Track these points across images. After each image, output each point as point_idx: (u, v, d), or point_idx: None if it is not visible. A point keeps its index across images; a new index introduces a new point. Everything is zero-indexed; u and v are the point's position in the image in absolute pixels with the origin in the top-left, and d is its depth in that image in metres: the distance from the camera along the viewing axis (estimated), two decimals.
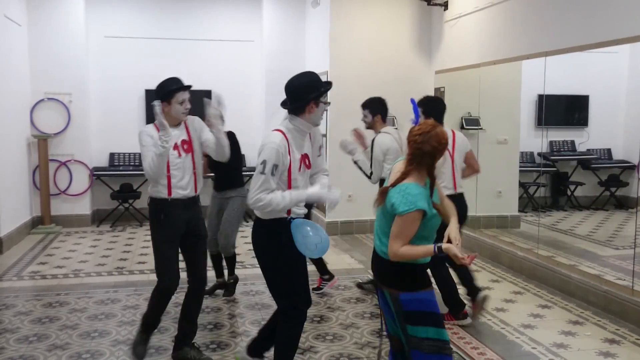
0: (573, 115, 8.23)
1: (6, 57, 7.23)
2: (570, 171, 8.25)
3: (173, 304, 5.00)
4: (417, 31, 8.02)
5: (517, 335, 4.40)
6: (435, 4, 7.71)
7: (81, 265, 6.45)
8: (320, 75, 3.30)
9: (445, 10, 7.60)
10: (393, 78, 7.84)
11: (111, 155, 8.80)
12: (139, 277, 5.92)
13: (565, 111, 8.23)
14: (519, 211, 7.52)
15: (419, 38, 8.03)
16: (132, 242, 7.54)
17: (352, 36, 7.80)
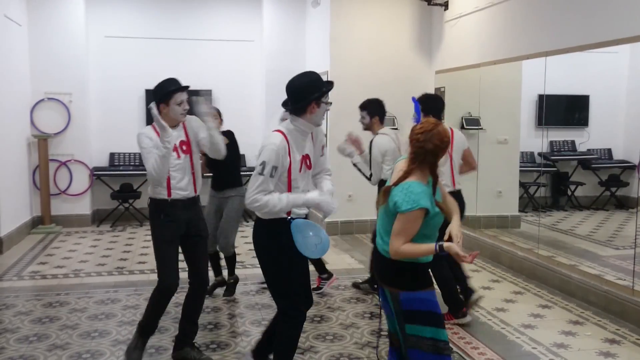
0: (573, 115, 8.23)
1: (6, 57, 7.23)
2: (570, 171, 8.25)
3: (173, 303, 4.99)
4: (418, 31, 8.02)
5: (518, 335, 4.40)
6: (436, 4, 7.71)
7: (81, 265, 6.45)
8: (321, 75, 3.29)
9: (445, 10, 7.60)
10: (393, 78, 7.84)
11: (111, 155, 8.81)
12: (139, 277, 5.92)
13: (565, 111, 8.23)
14: (519, 211, 7.52)
15: (419, 38, 8.03)
16: (132, 242, 7.54)
17: (353, 36, 7.80)
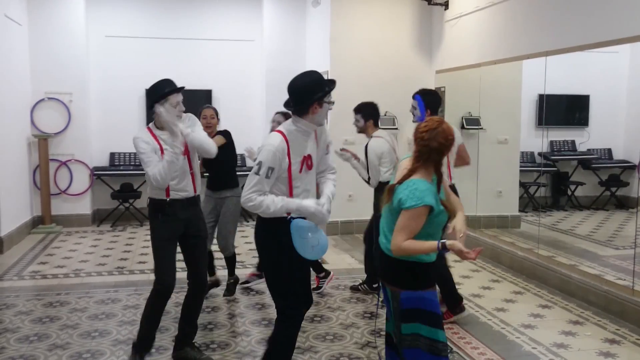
0: (573, 115, 8.23)
1: (6, 57, 7.23)
2: (570, 171, 8.25)
3: (173, 303, 5.00)
4: (418, 31, 8.02)
5: (517, 335, 4.40)
6: (436, 4, 7.70)
7: (82, 264, 6.45)
8: (322, 74, 3.27)
9: (445, 9, 7.60)
10: (393, 78, 7.84)
11: (111, 155, 8.81)
12: (139, 277, 5.92)
13: (565, 111, 8.24)
14: (520, 211, 7.52)
15: (420, 38, 8.03)
16: (132, 242, 7.54)
17: (353, 36, 7.80)
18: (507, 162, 7.35)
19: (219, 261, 5.52)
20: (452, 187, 4.66)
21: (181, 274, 3.87)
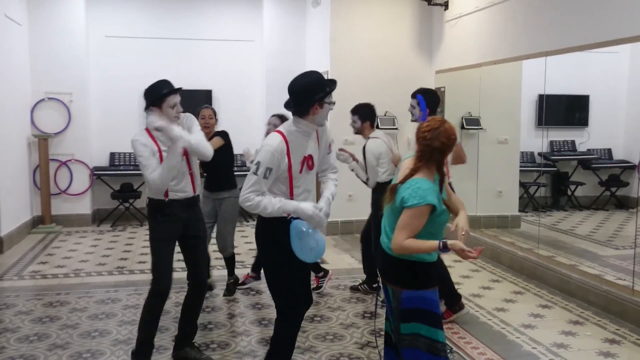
0: (573, 115, 8.23)
1: (7, 57, 7.24)
2: (570, 171, 8.25)
3: (173, 303, 5.01)
4: (418, 31, 8.02)
5: (518, 335, 4.40)
6: (436, 4, 7.71)
7: (82, 264, 6.45)
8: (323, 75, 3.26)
9: (445, 10, 7.60)
10: (393, 78, 7.84)
11: (111, 154, 8.81)
12: (139, 277, 5.92)
13: (565, 111, 8.24)
14: (520, 211, 7.52)
15: (420, 38, 8.03)
16: (132, 242, 7.54)
17: (353, 36, 7.80)
18: (507, 162, 7.35)
19: (219, 261, 5.52)
20: (449, 186, 4.68)
21: (181, 274, 3.87)
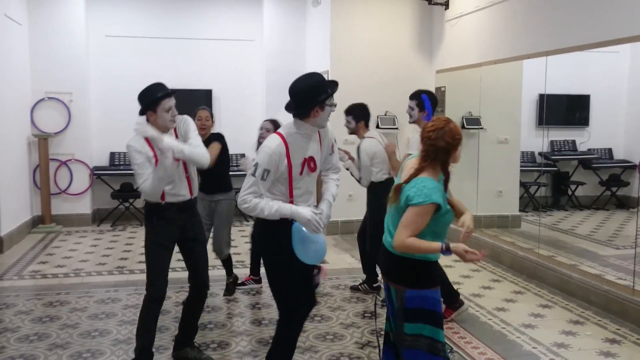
0: (574, 115, 8.23)
1: (7, 57, 7.24)
2: (571, 171, 8.25)
3: (173, 303, 5.01)
4: (418, 30, 8.02)
5: (518, 335, 4.40)
6: (436, 4, 7.70)
7: (82, 264, 6.45)
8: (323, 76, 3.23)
9: (446, 9, 7.60)
10: (394, 77, 7.84)
11: (111, 154, 8.81)
12: (139, 277, 5.91)
13: (566, 111, 8.23)
14: (520, 211, 7.52)
15: (420, 37, 8.03)
16: (132, 242, 7.54)
17: (353, 36, 7.80)
18: (508, 162, 7.35)
19: (218, 261, 5.50)
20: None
21: (181, 274, 3.86)
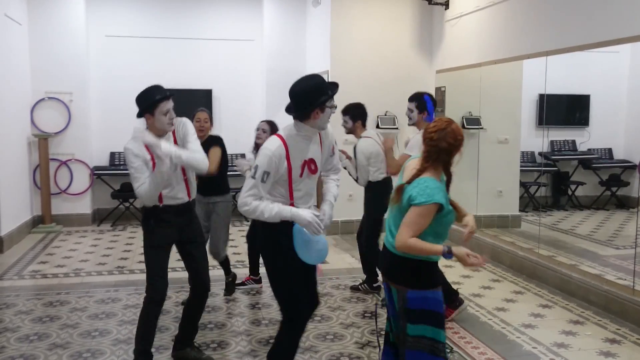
0: (574, 115, 8.23)
1: (7, 56, 7.24)
2: (571, 171, 8.25)
3: (173, 303, 5.01)
4: (418, 30, 8.02)
5: (518, 335, 4.40)
6: (436, 4, 7.70)
7: (82, 264, 6.45)
8: (322, 75, 3.24)
9: (446, 9, 7.60)
10: (394, 77, 7.84)
11: (112, 154, 8.81)
12: (139, 276, 5.91)
13: (566, 111, 8.24)
14: (520, 211, 7.52)
15: (420, 37, 8.03)
16: (132, 242, 7.54)
17: (353, 36, 7.80)
18: (508, 162, 7.35)
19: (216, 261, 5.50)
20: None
21: (182, 274, 3.86)
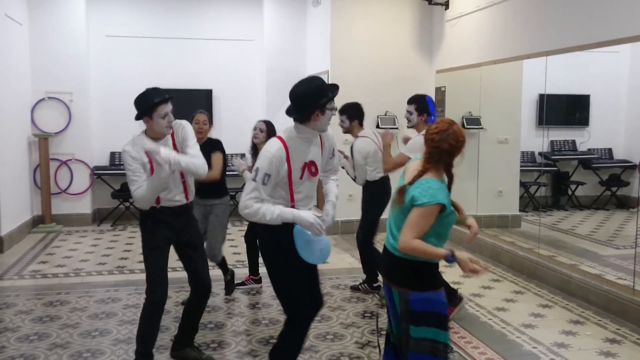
0: (574, 115, 8.24)
1: (7, 56, 7.24)
2: (571, 171, 8.26)
3: (173, 302, 5.01)
4: (418, 30, 8.02)
5: (518, 335, 4.40)
6: (436, 4, 7.70)
7: (82, 264, 6.45)
8: (321, 76, 3.25)
9: (446, 9, 7.60)
10: (394, 77, 7.84)
11: (112, 154, 8.80)
12: (139, 276, 5.90)
13: (566, 111, 8.24)
14: (520, 211, 7.52)
15: (420, 37, 8.03)
16: (132, 241, 7.54)
17: (353, 36, 7.80)
18: (508, 162, 7.35)
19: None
20: None
21: (182, 273, 3.86)
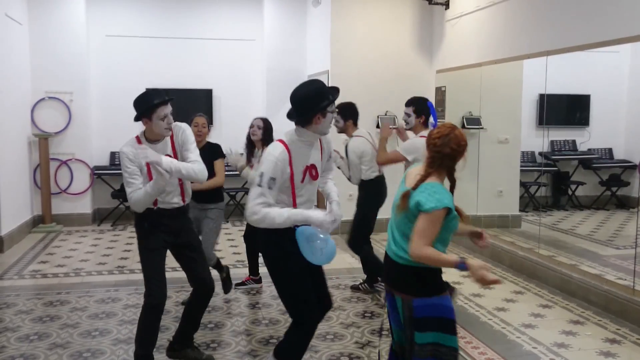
0: (574, 115, 8.24)
1: (7, 56, 7.24)
2: (571, 171, 8.26)
3: (173, 302, 5.01)
4: (418, 30, 8.02)
5: (518, 335, 4.40)
6: (437, 3, 7.70)
7: (82, 264, 6.45)
8: (321, 75, 3.24)
9: (446, 9, 7.60)
10: (394, 77, 7.83)
11: (112, 154, 8.80)
12: (139, 276, 5.83)
13: (566, 110, 8.24)
14: (520, 211, 7.52)
15: (420, 37, 8.03)
16: (132, 241, 7.54)
17: (353, 35, 7.79)
18: (508, 162, 7.35)
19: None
20: None
21: (182, 274, 3.86)
